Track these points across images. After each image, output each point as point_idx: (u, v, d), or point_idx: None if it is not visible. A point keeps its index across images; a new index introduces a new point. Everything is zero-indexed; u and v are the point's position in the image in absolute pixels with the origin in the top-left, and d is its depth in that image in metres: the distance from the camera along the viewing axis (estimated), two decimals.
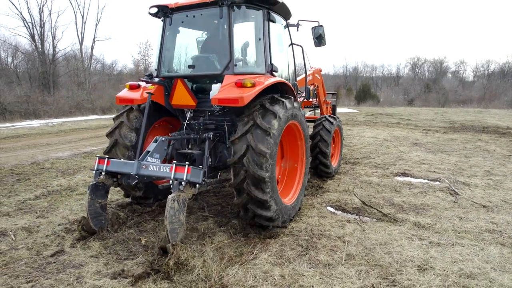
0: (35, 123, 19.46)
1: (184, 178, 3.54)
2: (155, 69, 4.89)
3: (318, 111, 8.05)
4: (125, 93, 4.67)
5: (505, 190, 5.75)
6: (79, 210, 4.95)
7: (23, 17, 29.16)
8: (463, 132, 14.11)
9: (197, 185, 3.69)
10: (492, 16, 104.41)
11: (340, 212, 4.86)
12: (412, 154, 9.01)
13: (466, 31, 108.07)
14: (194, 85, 4.89)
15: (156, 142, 4.17)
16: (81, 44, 34.08)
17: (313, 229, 4.17)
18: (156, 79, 4.78)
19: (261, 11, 4.56)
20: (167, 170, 3.69)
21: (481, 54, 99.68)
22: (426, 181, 6.38)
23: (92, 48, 35.66)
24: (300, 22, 5.51)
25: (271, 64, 4.59)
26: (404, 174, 6.85)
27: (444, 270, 3.21)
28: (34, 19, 29.57)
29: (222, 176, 4.56)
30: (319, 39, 5.67)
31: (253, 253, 3.58)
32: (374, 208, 4.88)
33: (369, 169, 7.34)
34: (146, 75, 4.85)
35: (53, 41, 31.48)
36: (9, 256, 3.56)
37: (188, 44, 5.21)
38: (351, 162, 8.05)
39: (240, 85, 3.93)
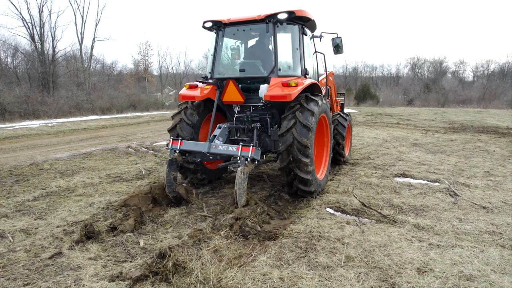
0: (35, 123, 19.44)
1: (249, 156, 4.61)
2: (209, 72, 5.94)
3: None
4: (185, 91, 5.78)
5: (505, 191, 5.74)
6: (78, 211, 4.93)
7: (22, 17, 29.10)
8: (462, 132, 14.09)
9: (256, 161, 4.72)
10: (492, 16, 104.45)
11: (339, 213, 4.84)
12: (412, 154, 8.99)
13: (465, 31, 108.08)
14: (240, 85, 5.68)
15: (220, 129, 5.46)
16: (80, 44, 34.06)
17: (312, 231, 4.15)
18: (211, 80, 5.82)
19: (297, 26, 5.64)
20: (234, 149, 4.79)
21: (481, 54, 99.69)
22: (425, 182, 6.36)
23: (91, 48, 35.66)
24: (322, 34, 6.63)
25: (305, 68, 5.70)
26: (403, 175, 6.83)
27: (444, 272, 3.19)
28: (33, 19, 29.51)
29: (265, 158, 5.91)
30: (337, 48, 6.64)
31: (251, 255, 3.56)
32: (374, 210, 4.86)
33: (368, 170, 7.32)
34: (202, 77, 5.96)
35: (52, 41, 31.44)
36: (6, 258, 3.54)
37: (236, 52, 6.34)
38: (350, 163, 8.04)
39: (286, 85, 4.99)
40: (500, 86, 51.85)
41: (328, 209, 4.96)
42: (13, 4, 38.19)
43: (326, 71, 7.29)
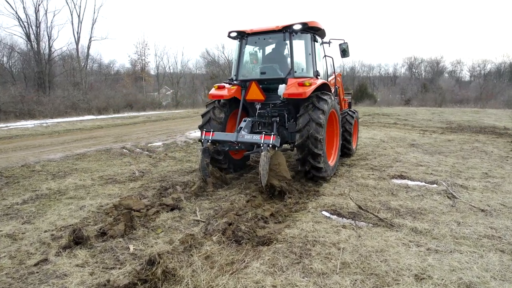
0: (30, 123, 19.27)
1: (271, 143, 5.35)
2: (234, 75, 6.84)
3: None
4: (214, 91, 6.61)
5: (504, 193, 5.65)
6: (68, 215, 4.80)
7: (18, 16, 28.93)
8: (460, 132, 14.03)
9: (276, 148, 5.44)
10: (488, 16, 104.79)
11: (335, 216, 4.73)
12: (409, 155, 8.90)
13: (462, 31, 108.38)
14: (261, 85, 6.46)
15: (245, 122, 6.34)
16: (77, 43, 33.85)
17: (307, 235, 4.04)
18: (235, 82, 6.73)
19: (309, 35, 6.54)
20: (258, 138, 5.59)
21: (478, 54, 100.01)
22: (423, 183, 6.27)
23: (88, 48, 35.51)
24: (331, 40, 7.44)
25: (317, 70, 6.56)
26: (401, 177, 6.74)
27: (443, 279, 3.09)
28: (29, 19, 29.34)
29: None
30: (344, 52, 7.47)
31: (244, 262, 3.45)
32: (370, 213, 4.76)
33: (365, 171, 7.22)
34: (229, 79, 6.92)
35: (49, 40, 31.25)
36: None
37: (254, 57, 7.26)
38: (347, 164, 7.94)
39: (301, 84, 5.83)
40: (497, 86, 51.99)
41: (324, 212, 4.85)
42: (9, 3, 37.88)
43: (334, 72, 8.16)
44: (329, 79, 7.72)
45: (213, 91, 6.63)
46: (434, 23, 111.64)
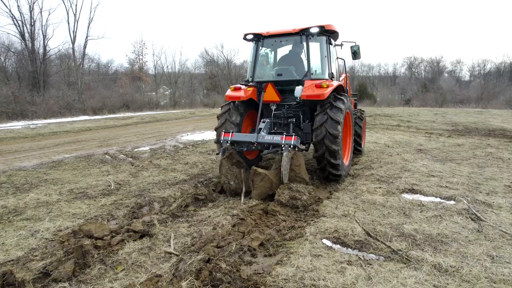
0: (20, 124, 18.48)
1: (292, 143, 5.45)
2: (250, 76, 6.89)
3: None
4: (231, 92, 6.61)
5: None
6: (14, 244, 3.95)
7: (12, 14, 28.07)
8: (468, 135, 13.19)
9: (296, 148, 5.52)
10: (488, 16, 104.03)
11: (338, 246, 3.89)
12: (418, 163, 8.06)
13: (462, 31, 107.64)
14: (276, 87, 6.52)
15: (264, 123, 6.35)
16: (73, 42, 32.93)
17: (303, 277, 3.19)
18: (251, 83, 6.78)
19: (325, 37, 6.57)
20: (278, 139, 5.61)
21: (477, 54, 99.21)
22: (439, 200, 5.42)
23: (84, 47, 34.56)
24: (343, 43, 7.53)
25: (332, 72, 6.62)
26: (412, 191, 5.89)
27: None
28: (24, 17, 28.44)
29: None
30: (355, 54, 7.52)
31: None
32: (381, 242, 3.92)
33: (371, 183, 6.38)
34: (244, 80, 6.99)
35: (43, 39, 30.34)
36: None
37: (265, 58, 7.26)
38: (350, 174, 7.09)
39: (319, 86, 5.86)
40: (497, 86, 51.21)
41: (324, 241, 4.00)
42: (2, 1, 36.83)
43: (344, 73, 8.29)
44: (341, 79, 7.80)
45: (229, 92, 6.64)
46: (434, 23, 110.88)
